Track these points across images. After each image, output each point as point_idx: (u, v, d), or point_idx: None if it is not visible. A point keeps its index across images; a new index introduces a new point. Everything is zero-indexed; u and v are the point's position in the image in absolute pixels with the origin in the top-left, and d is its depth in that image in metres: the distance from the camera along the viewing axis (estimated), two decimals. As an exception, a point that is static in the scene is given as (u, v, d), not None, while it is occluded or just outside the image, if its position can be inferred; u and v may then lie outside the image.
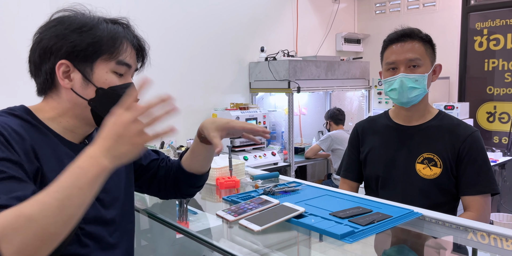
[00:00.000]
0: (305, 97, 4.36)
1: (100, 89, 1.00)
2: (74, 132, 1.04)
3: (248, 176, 1.74)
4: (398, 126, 1.63)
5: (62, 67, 0.98)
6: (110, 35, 1.00)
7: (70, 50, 0.97)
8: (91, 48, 0.98)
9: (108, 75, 1.01)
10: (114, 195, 1.10)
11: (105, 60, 1.00)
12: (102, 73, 1.00)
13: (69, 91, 1.00)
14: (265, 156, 3.46)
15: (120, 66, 1.02)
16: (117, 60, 1.01)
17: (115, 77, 1.02)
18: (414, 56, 1.49)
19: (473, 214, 1.45)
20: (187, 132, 3.49)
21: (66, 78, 0.99)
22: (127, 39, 1.04)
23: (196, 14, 3.48)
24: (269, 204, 1.30)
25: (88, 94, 1.00)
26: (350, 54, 4.69)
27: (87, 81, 1.00)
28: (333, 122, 4.03)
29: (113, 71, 1.02)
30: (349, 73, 3.98)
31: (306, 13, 4.31)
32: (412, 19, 4.38)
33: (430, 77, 1.53)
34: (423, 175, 1.53)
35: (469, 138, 1.50)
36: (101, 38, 0.99)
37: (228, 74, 3.75)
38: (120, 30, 1.03)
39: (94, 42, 0.98)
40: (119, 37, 1.02)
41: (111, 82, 1.01)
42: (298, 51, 4.22)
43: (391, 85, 1.53)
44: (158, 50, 3.27)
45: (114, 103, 0.93)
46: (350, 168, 1.78)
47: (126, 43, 1.04)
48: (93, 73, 1.00)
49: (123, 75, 1.04)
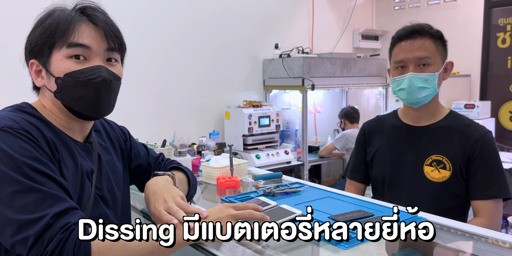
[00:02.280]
0: (321, 94, 4.29)
1: (58, 79, 0.97)
2: (71, 129, 1.04)
3: (250, 176, 1.71)
4: (407, 126, 1.56)
5: (34, 67, 1.01)
6: (59, 22, 0.97)
7: (29, 48, 1.00)
8: (41, 41, 0.97)
9: (62, 62, 0.97)
10: (115, 195, 1.13)
11: (58, 48, 0.97)
12: (56, 62, 0.97)
13: (44, 88, 1.02)
14: (278, 154, 3.42)
15: (73, 49, 0.97)
16: (67, 43, 0.97)
17: (72, 63, 0.97)
18: (424, 55, 1.42)
19: (483, 220, 1.37)
20: (199, 129, 3.49)
21: (38, 76, 1.01)
22: (82, 21, 0.99)
23: (209, 11, 3.45)
24: (266, 206, 1.26)
25: (52, 86, 0.99)
26: (368, 51, 4.59)
27: (48, 74, 0.99)
28: (348, 120, 3.96)
29: (68, 57, 0.97)
30: (365, 71, 3.89)
31: (322, 9, 4.23)
32: (432, 15, 4.25)
33: (441, 75, 1.46)
34: (431, 178, 1.46)
35: (481, 139, 1.42)
36: (49, 28, 0.97)
37: (242, 72, 3.71)
38: (72, 14, 0.99)
39: (42, 34, 0.97)
40: (71, 21, 0.97)
41: (66, 69, 0.97)
42: (314, 48, 4.15)
43: (400, 84, 1.47)
44: (172, 48, 3.26)
45: (78, 90, 0.97)
46: (356, 169, 1.73)
47: (82, 24, 0.98)
48: (50, 64, 0.98)
49: (86, 59, 0.98)
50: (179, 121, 3.38)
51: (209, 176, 1.68)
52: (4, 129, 0.87)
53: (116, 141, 1.24)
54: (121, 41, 1.05)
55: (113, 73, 1.02)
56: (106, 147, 1.18)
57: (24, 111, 0.97)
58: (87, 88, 0.97)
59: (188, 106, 3.42)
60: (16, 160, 0.84)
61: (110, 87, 1.01)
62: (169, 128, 3.31)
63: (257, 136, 3.40)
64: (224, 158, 1.69)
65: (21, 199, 0.82)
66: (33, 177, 0.84)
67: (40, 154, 0.88)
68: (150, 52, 3.16)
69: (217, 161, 1.67)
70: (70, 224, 0.82)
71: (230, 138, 3.44)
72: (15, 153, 0.84)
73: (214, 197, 1.59)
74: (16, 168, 0.83)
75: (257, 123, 3.34)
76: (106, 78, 0.99)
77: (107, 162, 1.15)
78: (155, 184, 1.12)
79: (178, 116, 3.37)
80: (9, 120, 0.90)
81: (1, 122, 0.89)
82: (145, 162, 1.32)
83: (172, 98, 3.32)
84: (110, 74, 1.01)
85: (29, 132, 0.89)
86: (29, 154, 0.86)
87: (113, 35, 1.01)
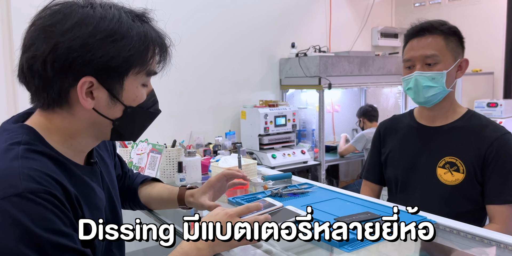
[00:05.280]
0: (339, 94, 4.24)
1: (129, 108, 0.86)
2: (84, 152, 0.91)
3: (260, 176, 1.70)
4: (421, 127, 1.52)
5: (86, 85, 0.79)
6: (142, 42, 0.82)
7: (101, 66, 0.78)
8: (126, 64, 0.81)
9: (138, 90, 0.86)
10: (116, 209, 1.06)
11: (136, 74, 0.84)
12: (132, 89, 0.85)
13: (89, 111, 0.83)
14: (294, 154, 3.39)
15: (148, 78, 0.89)
16: (147, 71, 0.86)
17: (144, 91, 0.88)
18: (430, 52, 1.37)
19: (498, 226, 1.31)
20: (215, 129, 3.50)
21: (88, 97, 0.81)
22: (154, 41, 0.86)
23: (226, 11, 3.45)
24: (272, 207, 1.25)
25: (114, 113, 0.85)
26: (387, 49, 4.52)
27: (115, 99, 0.83)
28: (367, 119, 3.90)
29: (143, 85, 0.87)
30: (384, 69, 3.82)
31: (340, 7, 4.18)
32: (454, 12, 4.15)
33: (452, 74, 1.41)
34: (444, 181, 1.41)
35: (497, 141, 1.36)
36: (136, 49, 0.81)
37: (258, 71, 3.70)
38: (149, 32, 0.84)
39: (130, 56, 0.80)
40: (150, 42, 0.84)
41: (141, 99, 0.87)
42: (332, 47, 4.11)
43: (408, 83, 1.43)
44: (188, 47, 3.27)
45: (141, 120, 0.91)
46: (371, 169, 1.69)
47: (154, 46, 0.86)
48: (123, 90, 0.84)
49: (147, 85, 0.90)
50: (196, 121, 3.40)
51: (218, 176, 1.67)
52: (25, 196, 0.69)
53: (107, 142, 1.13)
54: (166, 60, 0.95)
55: None
56: (101, 152, 1.06)
57: (35, 151, 0.77)
58: (152, 117, 0.93)
59: (204, 106, 3.43)
60: (39, 239, 0.69)
61: None
62: (186, 128, 3.32)
63: (273, 136, 3.38)
64: (234, 158, 1.68)
65: None
66: (55, 253, 0.71)
67: (64, 223, 0.73)
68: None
69: (226, 161, 1.67)
70: None
71: (246, 137, 3.44)
72: (38, 229, 0.69)
73: (222, 197, 1.59)
74: (38, 247, 0.69)
75: (273, 122, 3.33)
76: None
77: (105, 173, 1.03)
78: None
79: (195, 116, 3.39)
80: (28, 178, 0.71)
81: (17, 183, 0.70)
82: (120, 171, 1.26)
83: (189, 98, 3.33)
84: None
85: (55, 195, 0.73)
86: (53, 226, 0.71)
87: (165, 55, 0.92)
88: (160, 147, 1.75)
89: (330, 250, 1.05)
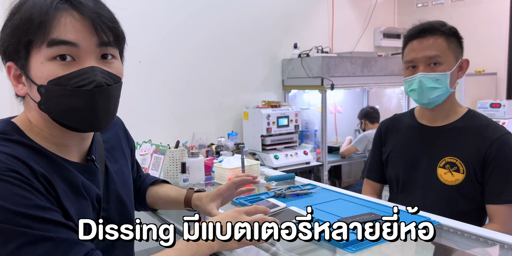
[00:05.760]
0: (341, 94, 4.24)
1: (41, 87, 0.78)
2: (67, 146, 0.87)
3: (263, 177, 1.70)
4: (421, 127, 1.52)
5: (12, 71, 0.81)
6: (33, 13, 0.76)
7: (3, 49, 0.80)
8: (14, 39, 0.77)
9: (43, 66, 0.77)
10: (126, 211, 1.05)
11: (37, 48, 0.77)
12: (36, 65, 0.78)
13: (28, 97, 0.83)
14: (297, 155, 3.39)
15: (56, 48, 0.76)
16: (48, 41, 0.76)
17: (56, 66, 0.77)
18: (434, 53, 1.37)
19: (496, 226, 1.31)
20: (218, 130, 3.50)
21: (19, 83, 0.82)
22: (63, 10, 0.77)
23: (229, 11, 3.46)
24: (275, 207, 1.25)
25: (35, 96, 0.80)
26: (390, 49, 4.51)
27: (29, 80, 0.79)
28: (369, 121, 3.90)
29: (51, 58, 0.77)
30: (386, 70, 3.82)
31: (342, 8, 4.18)
32: (456, 12, 4.14)
33: (454, 74, 1.41)
34: (444, 181, 1.41)
35: (497, 141, 1.36)
36: (21, 21, 0.76)
37: (260, 71, 3.70)
38: (49, 2, 0.77)
39: (14, 30, 0.77)
40: (48, 11, 0.76)
41: (49, 74, 0.77)
42: (334, 47, 4.11)
43: (411, 85, 1.43)
44: (191, 48, 3.28)
45: (64, 100, 0.78)
46: (373, 168, 1.70)
47: (64, 15, 0.77)
48: (30, 68, 0.79)
49: (74, 59, 0.78)
50: (198, 121, 3.40)
51: (222, 177, 1.68)
52: None
53: (124, 140, 1.12)
54: (117, 32, 0.83)
55: (110, 74, 0.82)
56: (114, 152, 1.04)
57: (8, 139, 0.78)
58: (78, 97, 0.78)
59: (207, 107, 3.44)
60: (11, 213, 0.69)
61: (108, 93, 0.81)
62: (188, 128, 3.33)
63: (276, 137, 3.38)
64: (237, 159, 1.69)
65: (30, 253, 0.69)
66: (37, 226, 0.70)
67: (39, 199, 0.73)
68: (170, 53, 3.19)
69: (229, 162, 1.67)
70: None
71: (249, 138, 3.44)
72: (9, 204, 0.69)
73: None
74: (14, 221, 0.69)
75: (276, 123, 3.33)
76: (101, 82, 0.79)
77: (117, 172, 1.01)
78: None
79: (197, 117, 3.39)
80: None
81: None
82: (135, 175, 1.28)
83: (191, 99, 3.34)
84: (106, 76, 0.81)
85: (20, 173, 0.72)
86: (26, 201, 0.71)
87: (106, 25, 0.80)
88: (163, 147, 1.75)
89: (334, 251, 1.06)
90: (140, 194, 1.30)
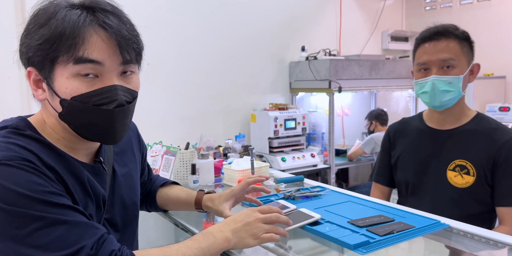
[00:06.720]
0: (349, 97, 4.24)
1: (64, 101, 0.81)
2: (76, 149, 0.90)
3: (272, 179, 1.71)
4: (430, 130, 1.53)
5: (32, 76, 0.84)
6: (64, 29, 0.78)
7: (26, 56, 0.82)
8: (40, 52, 0.79)
9: (68, 82, 0.80)
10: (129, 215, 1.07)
11: (64, 63, 0.79)
12: (61, 80, 0.80)
13: (47, 102, 0.85)
14: (304, 157, 3.39)
15: (82, 66, 0.79)
16: (74, 59, 0.78)
17: (80, 83, 0.80)
18: (447, 56, 1.38)
19: (507, 228, 1.32)
20: (225, 132, 3.51)
21: (39, 87, 0.85)
22: (91, 29, 0.79)
23: (236, 14, 3.48)
24: (286, 209, 1.26)
25: (57, 106, 0.83)
26: (397, 52, 4.51)
27: (51, 91, 0.82)
28: (379, 122, 3.89)
29: (75, 75, 0.80)
30: (394, 73, 3.82)
31: (350, 11, 4.19)
32: (465, 15, 4.13)
33: (466, 78, 1.42)
34: (454, 184, 1.42)
35: (507, 144, 1.37)
36: (51, 37, 0.78)
37: (268, 74, 3.72)
38: (77, 18, 0.79)
39: (41, 44, 0.79)
40: (79, 30, 0.78)
41: (74, 91, 0.80)
42: (342, 50, 4.11)
43: (422, 87, 1.43)
44: (199, 51, 3.30)
45: (84, 116, 0.81)
46: (381, 172, 1.70)
47: (90, 32, 0.79)
48: (54, 81, 0.81)
49: (97, 76, 0.81)
50: (206, 123, 3.42)
51: (231, 179, 1.69)
52: (3, 163, 0.73)
53: (136, 145, 1.15)
54: (139, 50, 0.87)
55: (130, 90, 0.86)
56: (123, 155, 1.06)
57: (21, 134, 0.81)
58: (99, 115, 0.82)
59: (215, 109, 3.45)
60: (28, 198, 0.72)
61: (127, 111, 0.86)
62: (196, 130, 3.35)
63: (283, 139, 3.39)
64: (246, 161, 1.70)
65: (46, 235, 0.72)
66: (52, 210, 0.74)
67: (52, 186, 0.76)
68: (177, 55, 3.21)
69: (239, 163, 1.68)
70: (115, 252, 0.77)
71: (256, 140, 3.45)
72: (25, 190, 0.72)
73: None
74: (30, 206, 0.72)
75: (283, 125, 3.34)
76: (122, 102, 0.83)
77: (124, 176, 1.03)
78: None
79: (205, 119, 3.41)
80: (5, 150, 0.76)
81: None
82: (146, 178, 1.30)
83: (199, 101, 3.36)
84: (126, 94, 0.85)
85: (32, 162, 0.76)
86: (41, 188, 0.74)
87: (130, 46, 0.83)
88: (174, 149, 1.76)
89: (342, 252, 1.06)
90: (151, 196, 1.32)
